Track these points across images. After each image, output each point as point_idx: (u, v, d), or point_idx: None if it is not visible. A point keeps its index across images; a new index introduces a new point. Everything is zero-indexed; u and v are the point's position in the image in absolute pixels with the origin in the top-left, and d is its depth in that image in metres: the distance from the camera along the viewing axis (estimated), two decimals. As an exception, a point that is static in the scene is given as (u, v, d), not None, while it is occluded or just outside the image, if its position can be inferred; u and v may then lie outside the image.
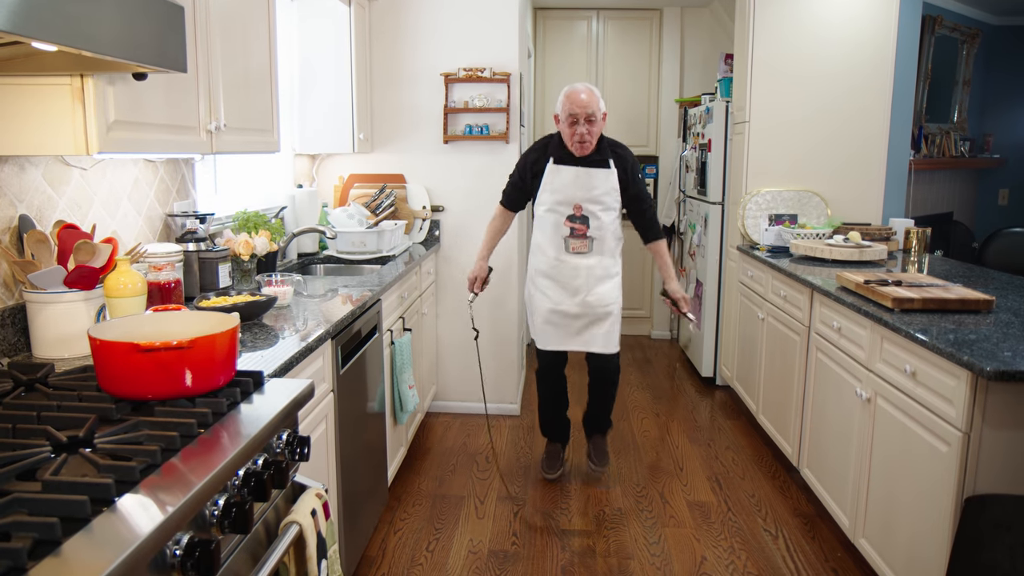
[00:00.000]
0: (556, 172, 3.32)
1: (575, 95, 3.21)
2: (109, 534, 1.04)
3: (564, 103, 3.24)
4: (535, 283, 3.48)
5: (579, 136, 3.22)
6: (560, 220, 3.35)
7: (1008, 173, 7.00)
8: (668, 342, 6.30)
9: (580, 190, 3.31)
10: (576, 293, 3.38)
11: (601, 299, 3.39)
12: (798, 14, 4.39)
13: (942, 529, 2.16)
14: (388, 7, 4.23)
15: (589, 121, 3.20)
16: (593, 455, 3.63)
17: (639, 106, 6.26)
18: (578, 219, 3.32)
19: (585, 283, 3.37)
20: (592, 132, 3.23)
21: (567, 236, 3.36)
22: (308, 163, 4.26)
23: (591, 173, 3.30)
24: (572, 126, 3.22)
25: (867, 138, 4.47)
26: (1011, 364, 1.98)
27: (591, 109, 3.20)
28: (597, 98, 3.24)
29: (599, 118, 3.24)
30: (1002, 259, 5.93)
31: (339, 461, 2.45)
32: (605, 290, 3.40)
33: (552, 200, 3.34)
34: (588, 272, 3.37)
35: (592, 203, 3.31)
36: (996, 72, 6.81)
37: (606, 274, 3.40)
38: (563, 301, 3.40)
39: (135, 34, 1.50)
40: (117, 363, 1.45)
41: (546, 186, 3.35)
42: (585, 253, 3.36)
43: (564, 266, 3.38)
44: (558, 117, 3.30)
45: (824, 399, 3.14)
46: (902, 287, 2.77)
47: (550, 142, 3.39)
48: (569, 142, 3.26)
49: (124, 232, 2.38)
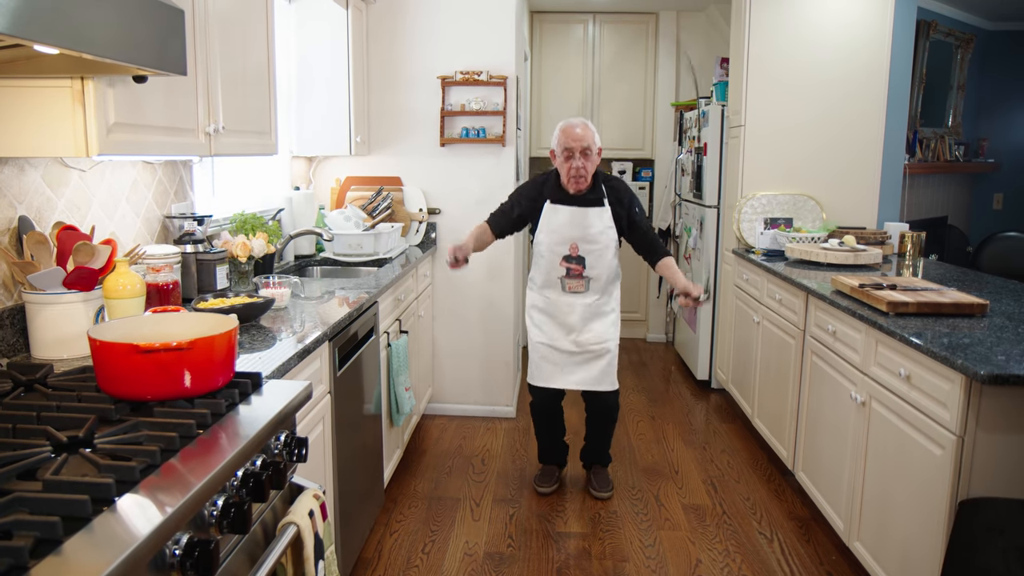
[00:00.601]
0: (553, 212, 3.32)
1: (570, 129, 3.22)
2: (109, 533, 1.05)
3: (560, 137, 3.24)
4: (530, 316, 3.47)
5: (575, 170, 3.21)
6: (556, 260, 3.34)
7: (1002, 177, 7.03)
8: (664, 345, 6.31)
9: (576, 230, 3.30)
10: (571, 331, 3.37)
11: (597, 336, 3.37)
12: (793, 19, 4.41)
13: (936, 532, 2.17)
14: (385, 10, 4.24)
15: (584, 155, 3.21)
16: (595, 482, 3.57)
17: (635, 109, 6.28)
18: (574, 259, 3.32)
19: (580, 320, 3.36)
20: (587, 167, 3.23)
21: (563, 276, 3.36)
22: (305, 165, 4.27)
23: (586, 213, 3.29)
24: (568, 160, 3.22)
25: (862, 142, 4.49)
26: (1005, 368, 1.99)
27: (587, 143, 3.20)
28: (592, 132, 3.25)
29: (594, 152, 3.25)
30: (996, 263, 5.95)
31: (336, 462, 2.46)
32: (601, 328, 3.38)
33: (549, 240, 3.34)
34: (584, 310, 3.36)
35: (587, 243, 3.31)
36: (990, 77, 6.85)
37: (601, 311, 3.38)
38: (558, 338, 3.39)
39: (135, 37, 1.51)
40: (117, 364, 1.46)
41: (543, 226, 3.34)
42: (581, 292, 3.36)
43: (559, 303, 3.38)
44: (554, 152, 3.30)
45: (819, 403, 3.16)
46: (897, 291, 2.79)
47: (547, 181, 3.38)
48: (565, 177, 3.26)
49: (122, 234, 2.39)
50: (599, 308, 3.38)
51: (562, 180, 3.30)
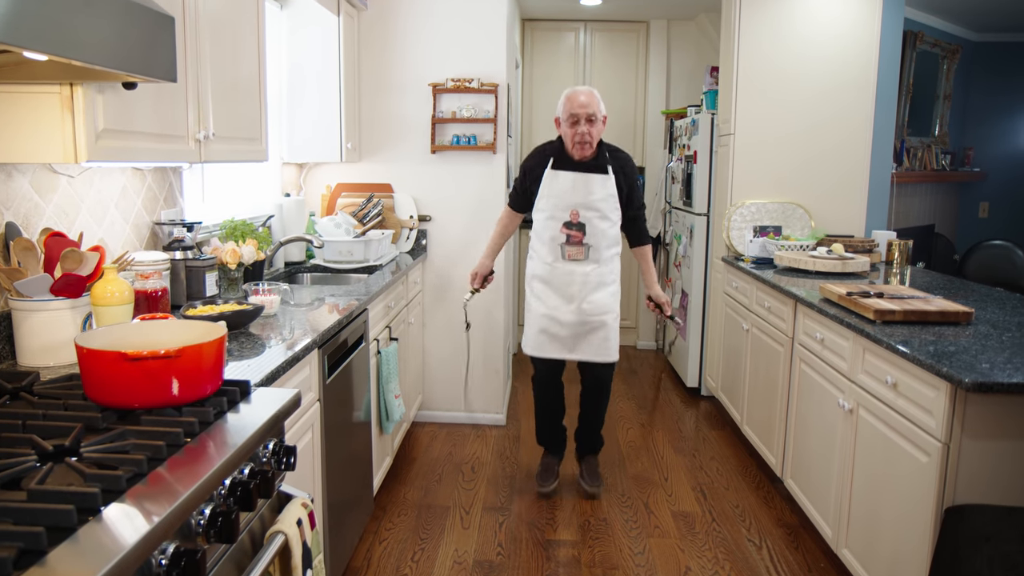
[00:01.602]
0: (554, 177, 3.35)
1: (575, 96, 3.27)
2: (95, 544, 1.04)
3: (565, 104, 3.29)
4: (531, 287, 3.48)
5: (580, 136, 3.25)
6: (557, 226, 3.36)
7: (988, 186, 7.09)
8: (654, 352, 6.32)
9: (577, 196, 3.32)
10: (571, 300, 3.38)
11: (597, 307, 3.38)
12: (783, 29, 4.45)
13: (923, 539, 2.18)
14: (377, 17, 4.25)
15: (589, 121, 3.25)
16: (586, 475, 3.62)
17: (626, 117, 6.31)
18: (574, 226, 3.34)
19: (581, 290, 3.37)
20: (592, 132, 3.26)
21: (563, 243, 3.37)
22: (296, 172, 4.27)
23: (589, 179, 3.32)
24: (573, 126, 3.26)
25: (850, 151, 4.53)
26: (989, 376, 2.01)
27: (591, 109, 3.24)
28: (597, 100, 3.29)
29: (599, 119, 3.28)
30: (982, 271, 6.01)
31: (325, 470, 2.45)
32: (601, 297, 3.39)
33: (549, 205, 3.36)
34: (584, 279, 3.37)
35: (589, 209, 3.32)
36: (976, 87, 6.91)
37: (602, 281, 3.39)
38: (558, 307, 3.39)
39: (125, 44, 1.51)
40: (104, 372, 1.45)
41: (544, 191, 3.37)
42: (581, 260, 3.37)
43: (559, 272, 3.38)
44: (559, 120, 3.34)
45: (807, 410, 3.17)
46: (884, 299, 2.81)
47: (549, 147, 3.42)
48: (570, 143, 3.30)
49: (111, 240, 2.38)
50: (600, 278, 3.39)
51: (567, 146, 3.33)
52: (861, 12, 4.40)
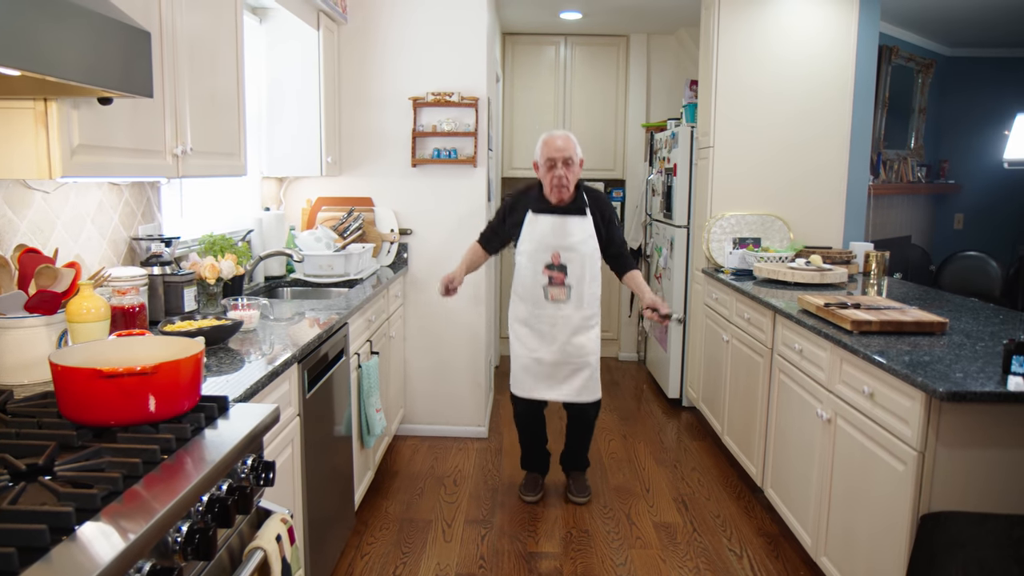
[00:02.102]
0: (534, 222, 3.42)
1: (552, 140, 3.35)
2: (68, 564, 1.03)
3: (542, 148, 3.36)
4: (514, 331, 3.55)
5: (557, 179, 3.32)
6: (539, 269, 3.42)
7: (963, 198, 7.19)
8: (635, 364, 6.34)
9: (557, 238, 3.39)
10: (554, 341, 3.44)
11: (579, 349, 3.44)
12: (761, 43, 4.50)
13: (899, 546, 2.20)
14: (357, 31, 4.26)
15: (566, 165, 3.32)
16: (574, 488, 3.68)
17: (606, 130, 6.35)
18: (556, 267, 3.39)
19: (563, 332, 3.43)
20: (569, 176, 3.34)
21: (545, 285, 3.42)
22: (276, 186, 4.26)
23: (568, 221, 3.39)
24: (550, 170, 3.33)
25: (828, 164, 4.58)
26: (963, 385, 2.04)
27: (568, 153, 3.31)
28: (574, 144, 3.36)
29: (576, 162, 3.36)
30: (957, 282, 6.08)
31: (305, 485, 2.44)
32: (584, 340, 3.45)
33: (531, 249, 3.43)
34: (566, 322, 3.43)
35: (569, 251, 3.39)
36: (950, 100, 7.02)
37: (585, 324, 3.45)
38: (539, 349, 3.45)
39: (101, 59, 1.51)
40: (79, 389, 1.44)
41: (525, 235, 3.44)
42: (563, 302, 3.42)
43: (542, 315, 3.45)
44: (537, 164, 3.41)
45: (787, 420, 3.20)
46: (861, 310, 2.84)
47: (529, 192, 3.49)
48: (548, 187, 3.37)
49: (87, 256, 2.36)
50: (583, 321, 3.44)
51: (545, 190, 3.41)
52: (838, 27, 4.47)
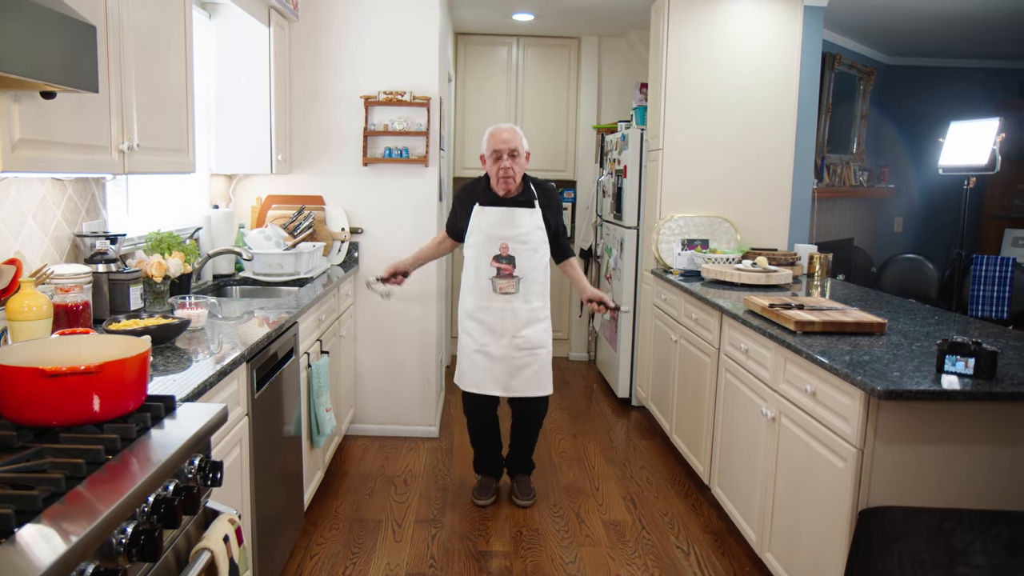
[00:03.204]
0: (481, 214, 3.44)
1: (498, 133, 3.38)
2: (7, 567, 1.01)
3: (489, 140, 3.39)
4: (462, 326, 3.54)
5: (503, 171, 3.34)
6: (486, 261, 3.42)
7: (902, 202, 7.42)
8: (586, 364, 6.40)
9: (505, 229, 3.40)
10: (503, 335, 3.44)
11: (529, 342, 3.45)
12: (709, 48, 4.59)
13: (839, 540, 2.27)
14: (309, 29, 4.22)
15: (512, 156, 3.34)
16: (518, 491, 3.67)
17: (558, 132, 6.39)
18: (504, 259, 3.41)
19: (512, 325, 3.43)
20: (515, 168, 3.36)
21: (493, 276, 3.43)
22: (225, 183, 4.20)
23: (515, 212, 3.41)
24: (496, 162, 3.35)
25: (774, 167, 4.69)
26: (899, 384, 2.11)
27: (514, 145, 3.34)
28: (520, 136, 3.39)
29: (522, 154, 3.38)
30: (896, 283, 6.29)
31: (253, 486, 2.41)
32: (533, 333, 3.45)
33: (478, 241, 3.43)
34: (515, 315, 3.43)
35: (517, 242, 3.40)
36: (890, 107, 7.24)
37: (534, 317, 3.46)
38: (489, 343, 3.45)
39: (43, 53, 1.48)
40: (20, 389, 1.41)
41: (473, 227, 3.45)
42: (512, 294, 3.42)
43: (491, 308, 3.44)
44: (483, 157, 3.42)
45: (733, 419, 3.26)
46: (804, 310, 2.91)
47: (477, 185, 3.51)
48: (495, 179, 3.39)
49: (29, 253, 2.30)
50: (532, 314, 3.45)
51: (492, 182, 3.42)
52: (783, 34, 4.57)
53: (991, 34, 5.97)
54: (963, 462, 2.17)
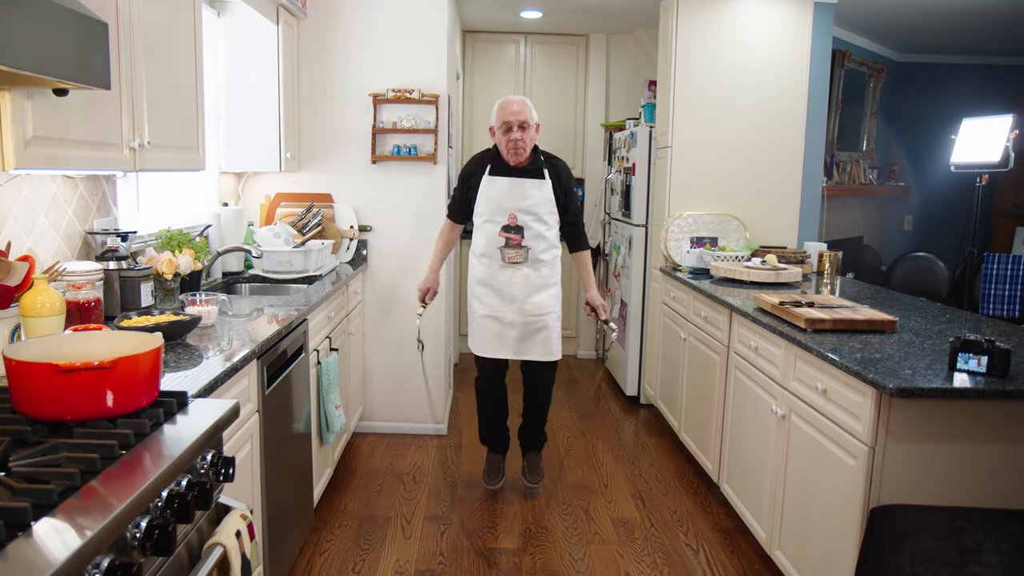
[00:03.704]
0: (491, 183, 3.43)
1: (508, 104, 3.38)
2: (24, 560, 1.02)
3: (498, 112, 3.39)
4: (472, 291, 3.55)
5: (513, 143, 3.34)
6: (495, 230, 3.43)
7: (912, 200, 7.39)
8: (594, 362, 6.40)
9: (514, 200, 3.40)
10: (512, 301, 3.45)
11: (538, 307, 3.46)
12: (719, 46, 4.57)
13: (850, 539, 2.26)
14: (317, 26, 4.23)
15: (522, 128, 3.35)
16: (528, 471, 3.71)
17: (566, 129, 6.38)
18: (513, 229, 3.41)
19: (521, 291, 3.45)
20: (525, 139, 3.36)
21: (502, 246, 3.43)
22: (234, 181, 4.21)
23: (525, 183, 3.40)
24: (506, 133, 3.35)
25: (783, 165, 4.68)
26: (911, 381, 2.10)
27: (523, 116, 3.34)
28: (529, 108, 3.39)
29: (532, 126, 3.38)
30: (906, 282, 6.26)
31: (264, 482, 2.42)
32: (542, 299, 3.47)
33: (487, 210, 3.43)
34: (524, 281, 3.44)
35: (526, 213, 3.40)
36: (900, 105, 7.21)
37: (543, 283, 3.47)
38: (499, 308, 3.46)
39: (56, 50, 1.48)
40: (34, 384, 1.42)
41: (482, 197, 3.44)
42: (520, 263, 3.43)
43: (500, 275, 3.46)
44: (493, 129, 3.43)
45: (742, 417, 3.26)
46: (815, 308, 2.91)
47: (485, 156, 3.51)
48: (504, 150, 3.38)
49: (41, 250, 2.31)
50: (541, 280, 3.47)
51: (501, 153, 3.42)
52: (793, 30, 4.56)
53: (1002, 30, 5.93)
54: (975, 460, 2.17)
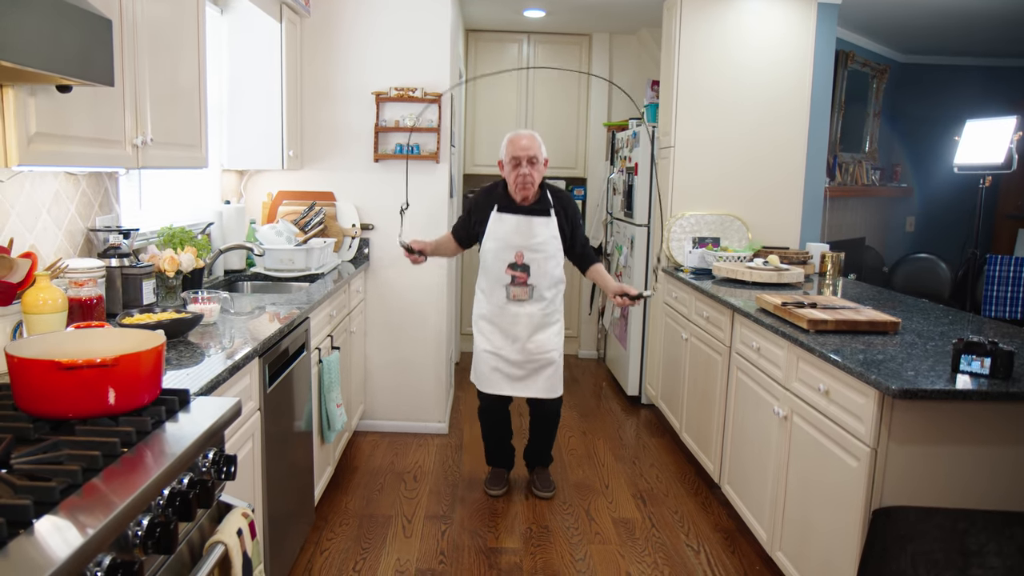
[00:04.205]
0: (499, 220, 3.43)
1: (517, 139, 3.37)
2: (26, 557, 1.02)
3: (507, 147, 3.38)
4: (477, 327, 3.57)
5: (522, 178, 3.34)
6: (502, 268, 3.44)
7: (914, 202, 7.38)
8: (595, 361, 6.39)
9: (521, 238, 3.40)
10: (516, 340, 3.47)
11: (541, 346, 3.47)
12: (722, 46, 4.57)
13: (852, 540, 2.26)
14: (320, 24, 4.23)
15: (531, 163, 3.34)
16: (538, 483, 3.72)
17: (568, 129, 6.38)
18: (519, 267, 3.42)
19: (525, 330, 3.46)
20: (534, 174, 3.36)
21: (508, 284, 3.44)
22: (236, 179, 4.21)
23: (532, 221, 3.41)
24: (515, 168, 3.35)
25: (786, 165, 4.67)
26: (914, 383, 2.10)
27: (532, 152, 3.34)
28: (539, 143, 3.39)
29: (540, 161, 3.38)
30: (908, 283, 6.25)
31: (265, 480, 2.42)
32: (545, 337, 3.48)
33: (494, 247, 3.44)
34: (528, 319, 3.46)
35: (533, 251, 3.41)
36: (903, 106, 7.20)
37: (547, 321, 3.48)
38: (504, 347, 3.48)
39: (60, 46, 1.48)
40: (36, 381, 1.42)
41: (490, 234, 3.45)
42: (525, 301, 3.44)
43: (505, 313, 3.47)
44: (502, 163, 3.43)
45: (744, 417, 3.25)
46: (817, 309, 2.90)
47: (495, 190, 3.50)
48: (513, 185, 3.38)
49: (43, 247, 2.31)
50: (544, 319, 3.48)
51: (509, 189, 3.42)
52: (796, 31, 4.55)
53: (1006, 32, 5.92)
54: (978, 462, 2.16)
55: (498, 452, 3.77)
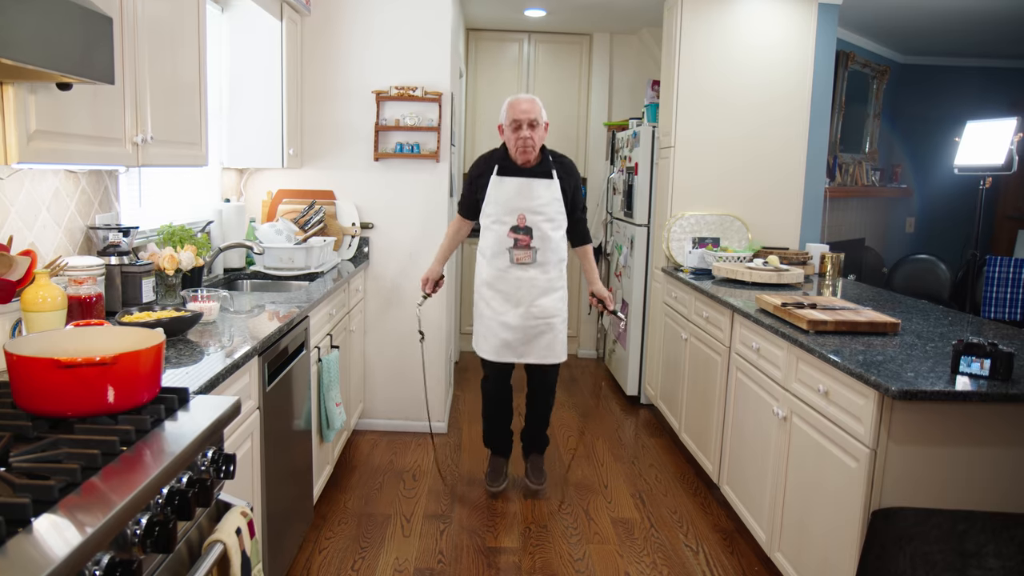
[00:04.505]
0: (500, 183, 3.42)
1: (518, 103, 3.37)
2: (24, 556, 1.01)
3: (507, 111, 3.38)
4: (480, 293, 3.55)
5: (522, 141, 3.33)
6: (504, 231, 3.42)
7: (914, 203, 7.39)
8: (594, 361, 6.39)
9: (523, 200, 3.39)
10: (519, 304, 3.45)
11: (544, 311, 3.46)
12: (722, 46, 4.56)
13: (851, 541, 2.26)
14: (321, 23, 4.22)
15: (531, 126, 3.34)
16: (531, 473, 3.72)
17: (569, 128, 6.38)
18: (521, 230, 3.41)
19: (528, 295, 3.44)
20: (535, 137, 3.35)
21: (510, 247, 3.43)
22: (236, 177, 4.20)
23: (534, 183, 3.40)
24: (516, 131, 3.34)
25: (786, 166, 4.67)
26: (914, 384, 2.10)
27: (533, 115, 3.33)
28: (539, 106, 3.38)
29: (541, 124, 3.38)
30: (908, 284, 6.25)
31: (264, 479, 2.42)
32: (548, 302, 3.47)
33: (496, 211, 3.43)
34: (531, 284, 3.44)
35: (535, 214, 3.40)
36: (903, 107, 7.20)
37: (550, 286, 3.47)
38: (506, 312, 3.46)
39: (60, 44, 1.48)
40: (35, 379, 1.41)
41: (490, 197, 3.44)
42: (528, 264, 3.43)
43: (507, 277, 3.45)
44: (502, 127, 3.42)
45: (743, 418, 3.25)
46: (817, 310, 2.90)
47: (494, 155, 3.50)
48: (513, 149, 3.37)
49: (43, 244, 2.31)
50: (548, 283, 3.47)
51: (510, 152, 3.41)
52: (797, 31, 4.55)
53: (1007, 33, 5.92)
54: (977, 464, 2.16)
55: (497, 432, 3.74)
